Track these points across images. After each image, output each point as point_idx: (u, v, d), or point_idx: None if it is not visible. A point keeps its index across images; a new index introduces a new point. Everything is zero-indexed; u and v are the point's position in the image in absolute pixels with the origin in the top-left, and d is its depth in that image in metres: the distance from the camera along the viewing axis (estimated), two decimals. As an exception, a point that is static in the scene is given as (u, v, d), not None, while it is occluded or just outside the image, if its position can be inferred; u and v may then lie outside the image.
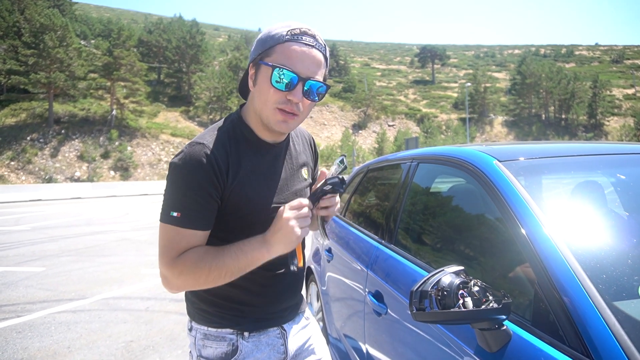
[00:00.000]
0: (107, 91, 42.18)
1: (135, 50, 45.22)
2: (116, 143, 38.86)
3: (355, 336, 1.97)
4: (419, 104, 67.63)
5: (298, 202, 1.04)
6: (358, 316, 1.92)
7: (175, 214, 0.99)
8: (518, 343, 0.96)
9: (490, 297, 0.88)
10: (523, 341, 0.95)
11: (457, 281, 0.90)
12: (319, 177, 1.16)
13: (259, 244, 1.02)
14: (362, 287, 1.88)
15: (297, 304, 1.27)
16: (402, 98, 69.61)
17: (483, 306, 0.87)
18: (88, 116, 40.21)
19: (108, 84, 41.28)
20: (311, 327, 1.32)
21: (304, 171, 1.23)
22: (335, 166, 1.12)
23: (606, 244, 1.16)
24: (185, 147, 1.03)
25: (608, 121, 60.10)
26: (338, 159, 1.13)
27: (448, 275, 0.91)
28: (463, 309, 0.86)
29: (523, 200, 1.16)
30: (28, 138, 36.19)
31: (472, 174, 1.41)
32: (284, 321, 1.21)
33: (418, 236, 1.83)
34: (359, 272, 1.99)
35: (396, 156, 2.42)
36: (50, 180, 32.71)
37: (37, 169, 34.17)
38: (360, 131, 57.44)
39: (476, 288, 0.89)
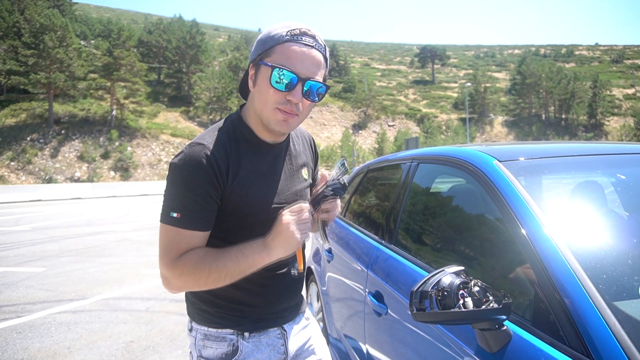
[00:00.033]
0: (107, 91, 42.19)
1: (135, 50, 45.23)
2: (116, 143, 38.86)
3: (355, 336, 1.97)
4: (419, 104, 67.60)
5: (298, 207, 1.04)
6: (358, 316, 1.91)
7: (175, 215, 0.99)
8: (518, 343, 0.96)
9: (490, 298, 0.88)
10: (523, 341, 0.95)
11: (458, 281, 0.90)
12: (320, 180, 1.16)
13: (260, 248, 1.02)
14: (363, 288, 1.88)
15: (298, 305, 1.27)
16: (402, 98, 69.58)
17: (483, 306, 0.87)
18: (88, 116, 40.21)
19: (108, 84, 41.29)
20: (311, 328, 1.32)
21: (304, 171, 1.23)
22: (336, 169, 1.11)
23: (606, 244, 1.16)
24: (185, 148, 1.03)
25: (608, 121, 60.07)
26: (339, 162, 1.12)
27: (448, 275, 0.92)
28: (463, 309, 0.86)
29: (523, 200, 1.16)
30: (28, 138, 36.20)
31: (472, 174, 1.41)
32: (284, 321, 1.21)
33: (418, 236, 1.83)
34: (359, 272, 1.99)
35: (396, 156, 2.42)
36: (50, 180, 32.70)
37: (37, 170, 34.18)
38: (360, 131, 57.42)
39: (476, 288, 0.89)
